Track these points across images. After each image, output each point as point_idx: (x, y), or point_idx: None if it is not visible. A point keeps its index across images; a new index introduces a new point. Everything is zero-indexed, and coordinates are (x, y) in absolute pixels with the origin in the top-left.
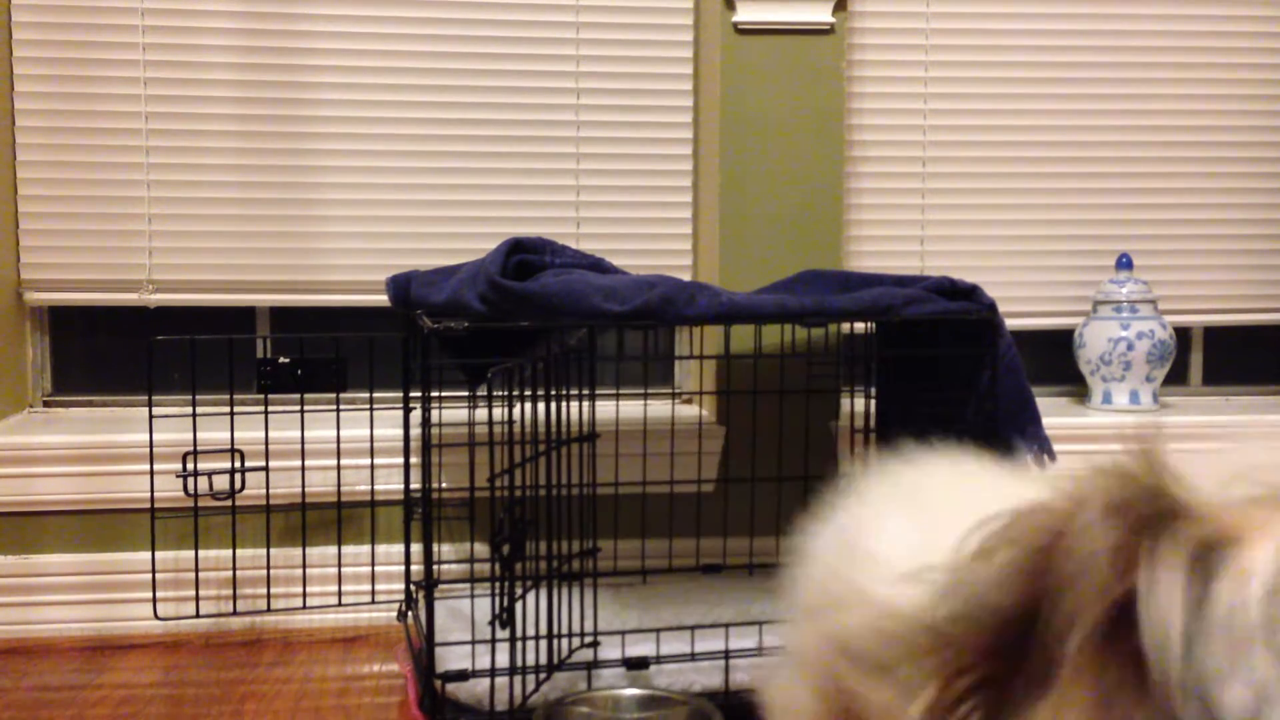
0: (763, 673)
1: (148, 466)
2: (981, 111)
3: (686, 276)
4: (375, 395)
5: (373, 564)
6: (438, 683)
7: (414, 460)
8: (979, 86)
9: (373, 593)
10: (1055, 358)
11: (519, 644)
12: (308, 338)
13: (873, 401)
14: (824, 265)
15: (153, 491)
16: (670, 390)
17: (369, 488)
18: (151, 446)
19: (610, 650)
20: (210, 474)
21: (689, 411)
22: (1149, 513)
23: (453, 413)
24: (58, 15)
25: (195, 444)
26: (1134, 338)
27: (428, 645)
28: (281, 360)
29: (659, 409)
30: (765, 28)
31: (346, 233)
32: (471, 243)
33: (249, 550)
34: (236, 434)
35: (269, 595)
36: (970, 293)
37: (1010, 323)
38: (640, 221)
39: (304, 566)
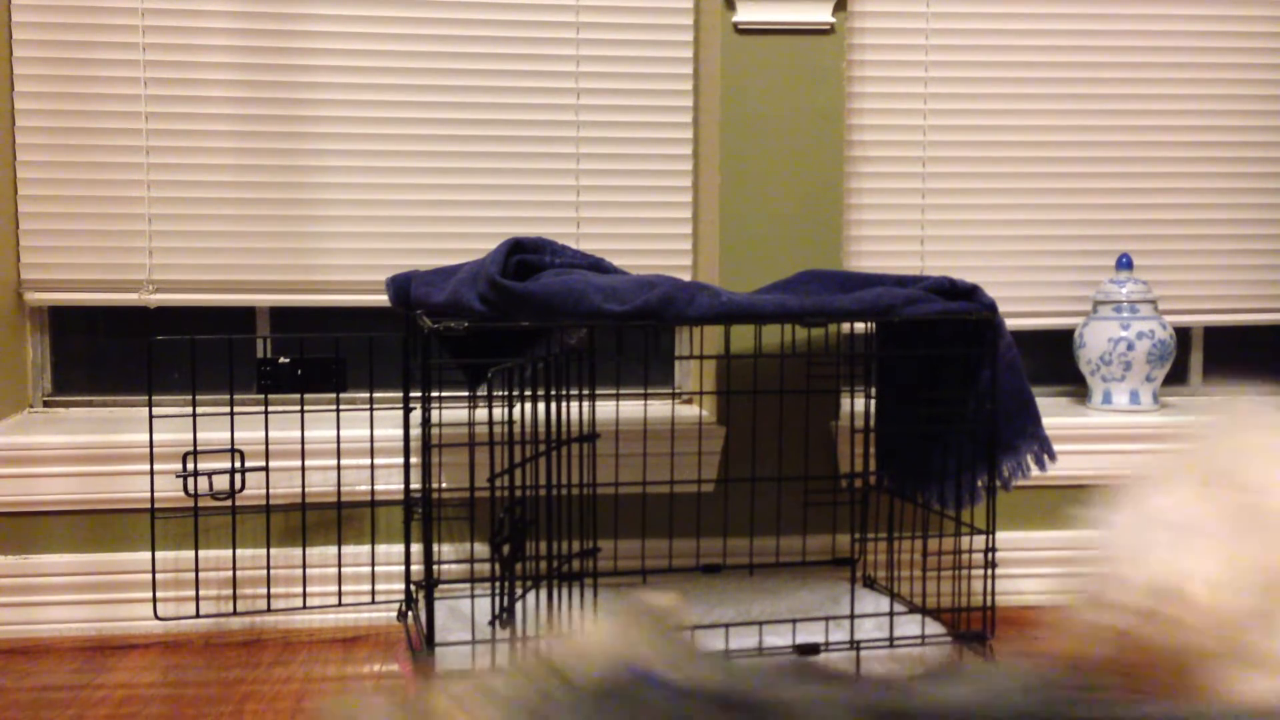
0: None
1: (148, 466)
2: (981, 111)
3: (686, 276)
4: (375, 395)
5: (373, 564)
6: None
7: (414, 460)
8: (979, 86)
9: (373, 593)
10: (1055, 358)
11: (519, 644)
12: (308, 338)
13: (873, 401)
14: (824, 265)
15: (153, 491)
16: (670, 390)
17: (369, 488)
18: (151, 446)
19: None
20: (210, 474)
21: (689, 411)
22: None
23: (453, 413)
24: (58, 15)
25: (195, 444)
26: (1134, 338)
27: (428, 645)
28: (281, 360)
29: (659, 409)
30: (765, 28)
31: (346, 233)
32: (471, 243)
33: (249, 550)
34: (236, 434)
35: (269, 595)
36: (970, 293)
37: (1010, 323)
38: (640, 221)
39: (304, 566)
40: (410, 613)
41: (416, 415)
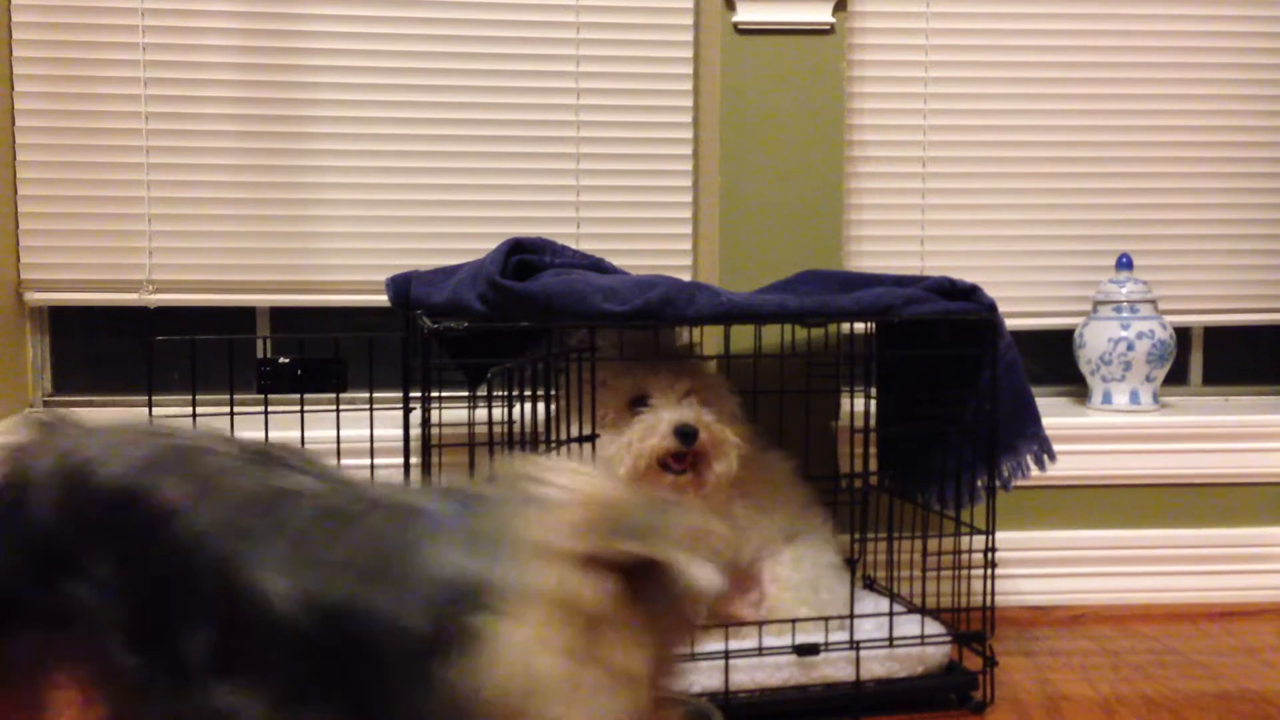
0: None
1: None
2: (981, 111)
3: (686, 276)
4: (375, 395)
5: None
6: None
7: (414, 460)
8: (979, 86)
9: None
10: (1055, 358)
11: None
12: (308, 338)
13: (873, 401)
14: (824, 265)
15: None
16: None
17: None
18: None
19: None
20: None
21: None
22: None
23: (453, 413)
24: (58, 15)
25: None
26: (1134, 338)
27: None
28: (281, 360)
29: None
30: (765, 28)
31: (346, 233)
32: (471, 243)
33: None
34: (236, 434)
35: None
36: (970, 293)
37: (1010, 323)
38: (640, 221)
39: None
40: None
41: (416, 415)
